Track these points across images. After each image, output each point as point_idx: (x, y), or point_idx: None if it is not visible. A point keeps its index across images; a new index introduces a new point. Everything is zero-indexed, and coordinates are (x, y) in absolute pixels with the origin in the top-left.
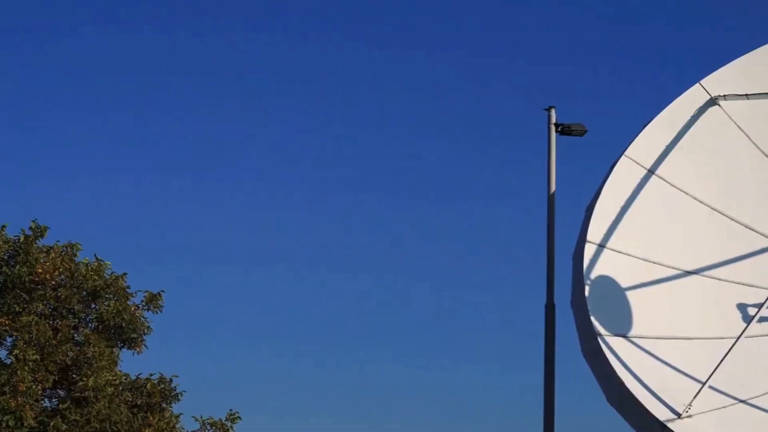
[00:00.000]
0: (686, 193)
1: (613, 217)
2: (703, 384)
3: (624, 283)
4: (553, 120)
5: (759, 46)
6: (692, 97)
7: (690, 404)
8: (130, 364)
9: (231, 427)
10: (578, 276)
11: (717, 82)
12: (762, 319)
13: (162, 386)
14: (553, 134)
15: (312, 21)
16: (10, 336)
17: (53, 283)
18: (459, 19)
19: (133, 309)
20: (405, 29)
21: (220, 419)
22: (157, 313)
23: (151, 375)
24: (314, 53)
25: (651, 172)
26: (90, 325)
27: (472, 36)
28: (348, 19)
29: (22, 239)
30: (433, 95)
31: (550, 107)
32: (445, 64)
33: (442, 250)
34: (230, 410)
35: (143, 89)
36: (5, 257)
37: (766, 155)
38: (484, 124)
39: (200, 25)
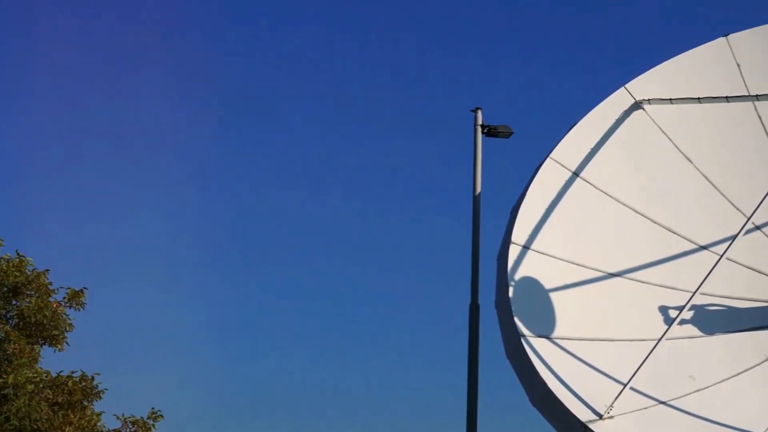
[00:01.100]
0: (610, 196)
1: (537, 218)
2: (625, 385)
3: (548, 285)
4: (480, 121)
5: (683, 51)
6: (617, 101)
7: (611, 405)
8: (52, 361)
9: (153, 425)
10: (502, 277)
11: (642, 86)
12: (683, 322)
13: (83, 384)
14: (480, 135)
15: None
16: None
17: None
18: (385, 15)
19: (54, 306)
20: (330, 24)
21: (142, 417)
22: (79, 310)
23: (73, 372)
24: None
25: (576, 174)
26: (11, 321)
27: (398, 33)
28: (270, 14)
29: None
30: (361, 93)
31: (477, 108)
32: (370, 61)
33: (367, 249)
34: (152, 408)
35: (63, 81)
36: None
37: (688, 159)
38: (410, 123)
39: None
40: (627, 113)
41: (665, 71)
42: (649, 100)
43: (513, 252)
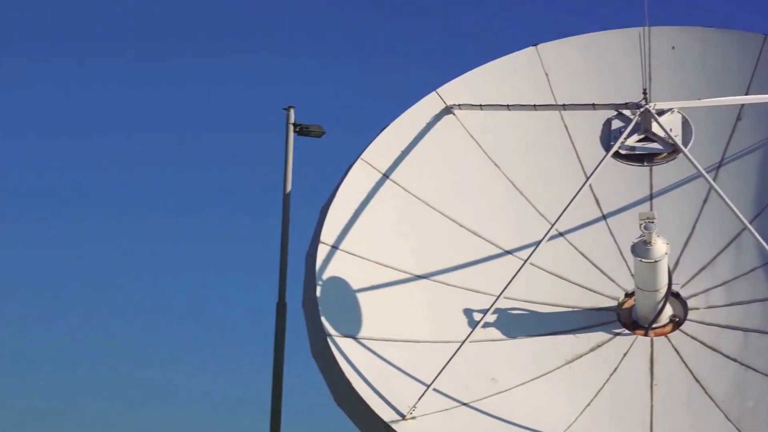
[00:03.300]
0: (419, 199)
1: (347, 219)
2: (428, 386)
3: (356, 285)
4: (292, 120)
5: (494, 59)
6: (429, 105)
7: (414, 406)
8: None
9: None
10: (310, 276)
11: (453, 90)
12: (487, 325)
13: None
14: (291, 134)
15: None
16: None
17: None
18: (197, 9)
19: None
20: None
21: None
22: None
23: None
24: None
25: (386, 176)
26: None
27: (211, 27)
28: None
29: None
30: (172, 88)
31: (289, 107)
32: (180, 55)
33: (175, 244)
34: None
35: None
36: None
37: (496, 165)
38: (221, 119)
39: None
40: (438, 117)
41: (476, 77)
42: (459, 105)
43: (321, 251)
